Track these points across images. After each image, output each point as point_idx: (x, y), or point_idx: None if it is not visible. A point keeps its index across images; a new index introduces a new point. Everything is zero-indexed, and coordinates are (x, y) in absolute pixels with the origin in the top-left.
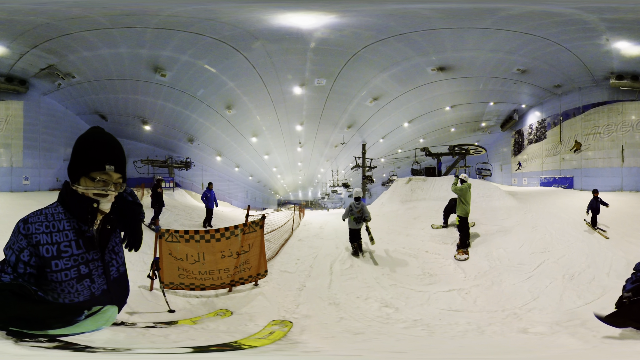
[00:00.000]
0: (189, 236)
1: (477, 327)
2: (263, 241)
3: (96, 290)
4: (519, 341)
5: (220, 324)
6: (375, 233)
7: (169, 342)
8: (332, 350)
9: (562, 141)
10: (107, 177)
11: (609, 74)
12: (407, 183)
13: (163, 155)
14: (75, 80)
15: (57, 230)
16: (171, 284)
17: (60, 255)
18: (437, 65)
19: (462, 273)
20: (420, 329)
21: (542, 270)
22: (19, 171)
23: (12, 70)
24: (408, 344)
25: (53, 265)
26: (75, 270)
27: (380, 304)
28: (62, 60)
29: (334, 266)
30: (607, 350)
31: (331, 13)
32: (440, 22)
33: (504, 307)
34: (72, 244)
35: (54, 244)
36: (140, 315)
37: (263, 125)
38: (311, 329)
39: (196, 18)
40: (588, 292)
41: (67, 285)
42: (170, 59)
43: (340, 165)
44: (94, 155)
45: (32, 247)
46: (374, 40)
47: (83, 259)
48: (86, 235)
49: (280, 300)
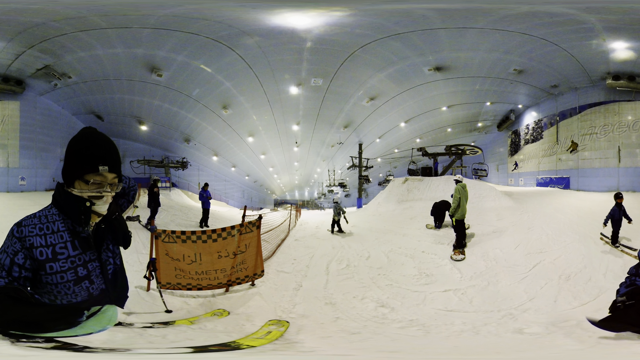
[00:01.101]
0: (186, 237)
1: (473, 327)
2: (260, 241)
3: (94, 290)
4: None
5: (217, 324)
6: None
7: (167, 342)
8: (328, 350)
9: (558, 141)
10: (101, 179)
11: (605, 74)
12: (404, 183)
13: (159, 155)
14: (72, 80)
15: (51, 232)
16: (168, 284)
17: (56, 258)
18: (434, 65)
19: (458, 273)
20: (416, 329)
21: (538, 270)
22: (15, 171)
23: (8, 70)
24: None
25: (47, 267)
26: (72, 273)
27: (377, 304)
28: (58, 60)
29: (331, 266)
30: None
31: (328, 13)
32: (437, 21)
33: (499, 308)
34: (67, 245)
35: (49, 246)
36: (138, 316)
37: (259, 125)
38: (308, 329)
39: (192, 18)
40: (584, 293)
41: (63, 287)
42: (166, 59)
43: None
44: (86, 157)
45: (27, 250)
46: (371, 40)
47: (81, 261)
48: (81, 236)
49: (277, 300)
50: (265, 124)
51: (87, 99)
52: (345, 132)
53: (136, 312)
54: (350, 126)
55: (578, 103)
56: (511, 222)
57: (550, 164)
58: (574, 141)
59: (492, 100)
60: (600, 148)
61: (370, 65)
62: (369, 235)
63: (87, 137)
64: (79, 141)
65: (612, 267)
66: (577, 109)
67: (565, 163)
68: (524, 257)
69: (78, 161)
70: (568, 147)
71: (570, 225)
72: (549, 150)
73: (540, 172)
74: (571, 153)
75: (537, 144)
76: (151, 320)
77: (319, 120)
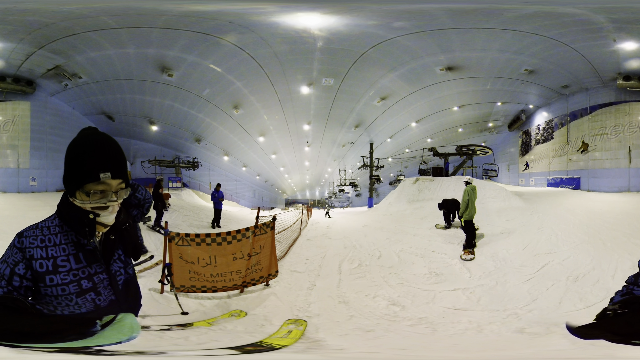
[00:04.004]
0: (200, 239)
1: (477, 325)
2: (274, 242)
3: (102, 302)
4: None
5: (236, 325)
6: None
7: (191, 344)
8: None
9: (569, 142)
10: (104, 187)
11: (616, 74)
12: (415, 183)
13: (170, 156)
14: (82, 80)
15: (52, 244)
16: (182, 287)
17: (57, 270)
18: (445, 65)
19: (467, 273)
20: (424, 327)
21: (546, 271)
22: (26, 172)
23: (19, 70)
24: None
25: (47, 280)
26: (75, 285)
27: (388, 302)
28: (68, 60)
29: (343, 265)
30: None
31: (339, 12)
32: (448, 21)
33: (505, 307)
34: (70, 258)
35: (50, 259)
36: (153, 318)
37: (270, 124)
38: (325, 327)
39: (202, 18)
40: (591, 294)
41: (64, 299)
42: (177, 58)
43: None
44: (84, 165)
45: (27, 260)
46: (382, 40)
47: (85, 274)
48: (86, 249)
49: (292, 300)
50: (276, 124)
51: (97, 99)
52: (356, 131)
53: (151, 315)
54: (361, 126)
55: (589, 103)
56: (521, 223)
57: (560, 164)
58: (585, 141)
59: (503, 100)
60: (611, 148)
61: (381, 65)
62: (380, 234)
63: (86, 141)
64: (76, 146)
65: (621, 268)
66: (588, 110)
67: (576, 163)
68: (532, 258)
69: (76, 170)
70: (579, 147)
71: (580, 226)
72: (559, 151)
73: (550, 172)
74: (582, 153)
75: (548, 144)
76: (168, 323)
77: (330, 119)
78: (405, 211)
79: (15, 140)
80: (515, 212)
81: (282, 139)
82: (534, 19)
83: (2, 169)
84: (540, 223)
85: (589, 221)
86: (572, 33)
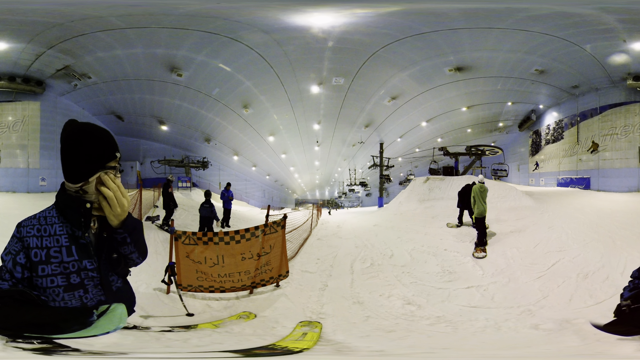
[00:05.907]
0: (207, 238)
1: (495, 323)
2: (285, 241)
3: (89, 301)
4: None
5: (245, 327)
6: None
7: (189, 347)
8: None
9: (579, 142)
10: (114, 163)
11: (626, 74)
12: (425, 182)
13: (180, 155)
14: (92, 80)
15: (48, 234)
16: (189, 286)
17: (49, 261)
18: (455, 65)
19: (480, 270)
20: (444, 325)
21: (557, 268)
22: (36, 172)
23: (28, 71)
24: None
25: (40, 270)
26: (63, 278)
27: (403, 302)
28: (78, 60)
29: (355, 265)
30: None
31: (350, 12)
32: (459, 21)
33: (519, 304)
34: (62, 250)
35: (44, 249)
36: (156, 319)
37: (280, 124)
38: (343, 329)
39: (211, 17)
40: (600, 291)
41: (51, 292)
42: (186, 58)
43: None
44: (101, 147)
45: (26, 250)
46: (393, 40)
47: (74, 267)
48: (80, 242)
49: (304, 301)
50: (286, 123)
51: (107, 99)
52: (366, 131)
53: (154, 316)
54: (371, 125)
55: (599, 104)
56: (532, 222)
57: (570, 164)
58: (595, 141)
59: (513, 100)
60: (620, 148)
61: (392, 65)
62: (391, 234)
63: (87, 128)
64: (83, 134)
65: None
66: (598, 110)
67: (586, 163)
68: (543, 255)
69: (94, 153)
70: (589, 147)
71: (590, 225)
72: (569, 151)
73: (560, 172)
74: (592, 153)
75: (558, 144)
76: (170, 324)
77: (340, 119)
78: (415, 210)
79: (25, 140)
80: (526, 211)
81: (292, 139)
82: (545, 19)
83: (12, 169)
84: (550, 222)
85: (599, 220)
86: (582, 33)
